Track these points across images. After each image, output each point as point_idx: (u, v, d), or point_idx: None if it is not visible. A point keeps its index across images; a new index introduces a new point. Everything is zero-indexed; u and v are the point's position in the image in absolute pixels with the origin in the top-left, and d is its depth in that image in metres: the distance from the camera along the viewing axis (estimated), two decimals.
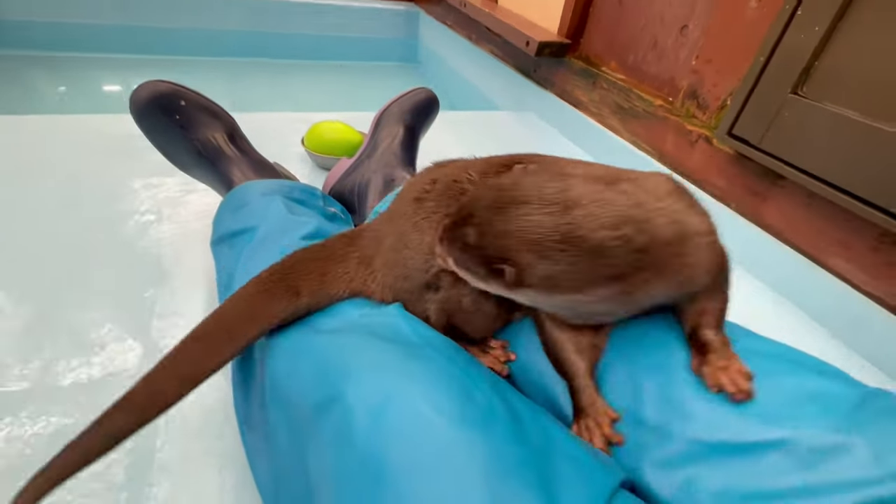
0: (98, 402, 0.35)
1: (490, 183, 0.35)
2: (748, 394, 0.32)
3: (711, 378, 0.34)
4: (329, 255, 0.48)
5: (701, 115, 0.94)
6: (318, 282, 0.45)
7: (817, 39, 0.68)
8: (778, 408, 0.32)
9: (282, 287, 0.44)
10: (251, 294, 0.44)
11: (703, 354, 0.36)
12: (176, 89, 0.64)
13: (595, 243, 0.30)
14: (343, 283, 0.46)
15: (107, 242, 0.73)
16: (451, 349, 0.40)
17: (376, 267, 0.46)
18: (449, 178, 0.45)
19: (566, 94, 1.32)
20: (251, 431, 0.44)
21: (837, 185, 0.68)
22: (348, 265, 0.47)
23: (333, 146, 0.96)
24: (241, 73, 1.90)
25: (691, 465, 0.33)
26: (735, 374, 0.33)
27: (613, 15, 1.16)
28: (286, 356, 0.41)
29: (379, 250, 0.46)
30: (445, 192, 0.44)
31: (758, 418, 0.32)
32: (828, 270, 0.76)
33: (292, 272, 0.46)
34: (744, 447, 0.31)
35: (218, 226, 0.63)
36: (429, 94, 0.86)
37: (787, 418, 0.31)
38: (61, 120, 1.02)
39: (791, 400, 0.32)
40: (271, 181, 0.66)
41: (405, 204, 0.47)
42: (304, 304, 0.44)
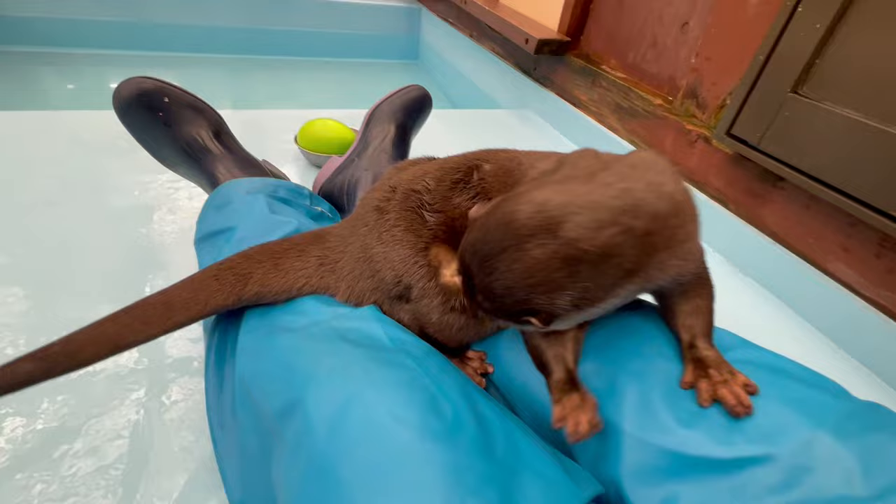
0: (91, 395, 0.34)
1: (465, 242, 0.33)
2: (748, 408, 0.31)
3: (707, 392, 0.32)
4: (288, 247, 0.48)
5: (700, 115, 0.92)
6: (271, 270, 0.45)
7: (818, 37, 0.66)
8: (763, 421, 0.31)
9: (230, 274, 0.44)
10: (199, 278, 0.45)
11: (700, 369, 0.34)
12: (160, 86, 0.63)
13: (600, 250, 0.28)
14: (301, 279, 0.46)
15: (99, 239, 0.72)
16: (426, 354, 0.39)
17: (341, 272, 0.46)
18: (407, 188, 0.45)
19: (566, 93, 1.30)
20: (223, 435, 0.43)
21: (838, 187, 0.66)
22: (307, 262, 0.47)
23: (326, 144, 0.95)
24: (243, 70, 1.90)
25: (671, 481, 0.31)
26: (737, 388, 0.32)
27: (613, 13, 1.13)
28: (252, 356, 0.40)
29: (343, 256, 0.46)
30: (405, 203, 0.44)
31: (741, 433, 0.30)
32: (828, 275, 0.74)
33: (246, 260, 0.46)
34: (726, 463, 0.30)
35: (201, 224, 0.62)
36: (421, 91, 0.85)
37: (772, 432, 0.30)
38: (53, 116, 1.02)
39: (776, 412, 0.31)
40: (256, 179, 0.65)
41: (367, 212, 0.46)
42: (251, 291, 0.44)
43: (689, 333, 0.36)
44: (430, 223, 0.43)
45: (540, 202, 0.29)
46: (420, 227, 0.43)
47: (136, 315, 0.41)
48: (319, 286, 0.46)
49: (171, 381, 0.55)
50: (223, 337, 0.48)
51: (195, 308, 0.43)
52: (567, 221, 0.28)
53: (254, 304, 0.46)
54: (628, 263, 0.29)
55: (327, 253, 0.47)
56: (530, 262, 0.28)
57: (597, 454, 0.35)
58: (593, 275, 0.29)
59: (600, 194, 0.29)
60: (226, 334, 0.48)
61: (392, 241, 0.43)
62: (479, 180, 0.44)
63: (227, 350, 0.47)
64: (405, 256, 0.42)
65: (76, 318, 0.39)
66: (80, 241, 0.71)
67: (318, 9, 1.99)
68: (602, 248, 0.28)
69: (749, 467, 0.29)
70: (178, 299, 0.43)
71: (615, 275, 0.29)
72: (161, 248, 0.73)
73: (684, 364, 0.35)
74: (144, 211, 0.79)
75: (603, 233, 0.28)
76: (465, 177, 0.44)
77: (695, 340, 0.35)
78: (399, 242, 0.42)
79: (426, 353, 0.39)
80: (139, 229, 0.75)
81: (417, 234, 0.43)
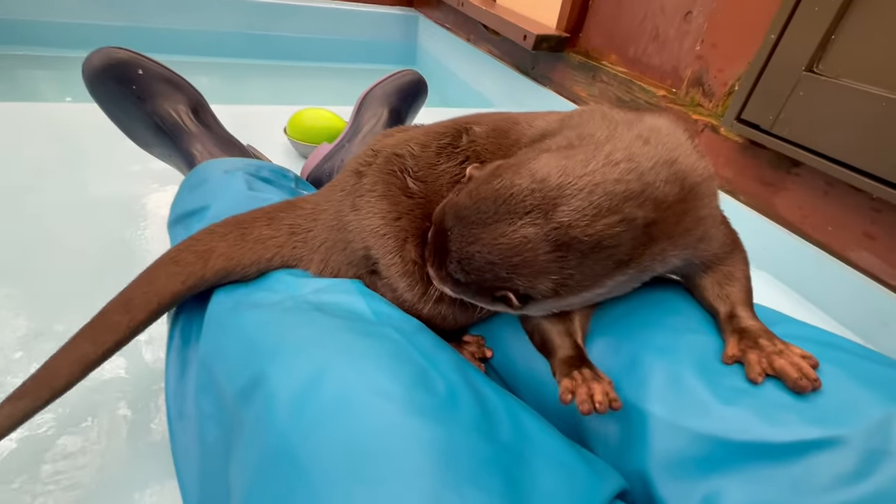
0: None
1: (450, 202, 0.30)
2: (815, 381, 0.26)
3: (760, 364, 0.27)
4: (258, 216, 0.43)
5: (707, 104, 0.88)
6: (237, 242, 0.40)
7: (834, 10, 0.62)
8: (825, 399, 0.25)
9: (189, 254, 0.39)
10: (156, 266, 0.40)
11: (748, 339, 0.29)
12: (134, 57, 0.58)
13: (594, 241, 0.26)
14: (271, 249, 0.41)
15: (75, 231, 0.67)
16: (416, 330, 0.34)
17: (313, 242, 0.41)
18: (390, 152, 0.40)
19: (565, 90, 1.27)
20: (182, 427, 0.37)
21: (861, 168, 0.62)
22: (278, 231, 0.42)
23: (317, 133, 0.90)
24: (239, 74, 1.88)
25: (713, 473, 0.26)
26: (798, 360, 0.27)
27: (613, 8, 1.11)
28: (216, 334, 0.35)
29: (316, 224, 0.41)
30: (385, 166, 0.40)
31: (797, 412, 0.25)
32: (850, 265, 0.69)
33: (209, 235, 0.41)
34: (782, 448, 0.24)
35: (176, 205, 0.57)
36: (415, 75, 0.81)
37: (838, 411, 0.24)
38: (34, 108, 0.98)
39: (841, 389, 0.25)
40: (236, 159, 0.60)
41: (346, 176, 0.42)
42: (216, 267, 0.39)
43: (727, 303, 0.31)
44: (411, 190, 0.38)
45: (539, 178, 0.27)
46: (397, 194, 0.38)
47: (100, 325, 0.37)
48: (291, 257, 0.41)
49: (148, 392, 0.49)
50: (189, 319, 0.42)
51: (154, 300, 0.38)
52: (563, 204, 0.26)
53: (222, 282, 0.41)
54: (622, 255, 0.27)
55: (300, 221, 0.42)
56: (518, 240, 0.26)
57: (619, 443, 0.29)
58: (580, 263, 0.26)
59: (602, 175, 0.26)
60: (192, 316, 0.42)
61: (366, 206, 0.38)
62: (468, 143, 0.40)
63: (192, 333, 0.41)
64: (374, 227, 0.37)
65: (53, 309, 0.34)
66: (55, 232, 0.66)
67: (317, 15, 1.98)
68: (596, 239, 0.26)
69: (812, 453, 0.23)
70: (138, 294, 0.39)
71: (605, 266, 0.27)
72: (143, 241, 0.67)
73: (724, 337, 0.30)
74: (124, 202, 0.74)
75: (599, 222, 0.26)
76: (453, 141, 0.40)
77: (735, 310, 0.31)
78: (372, 209, 0.38)
79: (416, 328, 0.34)
80: (117, 221, 0.70)
81: (394, 201, 0.38)
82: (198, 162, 0.60)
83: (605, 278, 0.27)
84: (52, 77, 1.62)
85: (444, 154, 0.40)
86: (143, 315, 0.37)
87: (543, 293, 0.27)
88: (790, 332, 0.30)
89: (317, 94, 1.88)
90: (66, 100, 1.41)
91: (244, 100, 1.73)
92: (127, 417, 0.45)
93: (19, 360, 0.49)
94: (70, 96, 1.41)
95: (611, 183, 0.26)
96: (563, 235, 0.26)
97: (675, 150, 0.28)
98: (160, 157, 0.65)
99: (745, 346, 0.28)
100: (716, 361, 0.29)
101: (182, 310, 0.43)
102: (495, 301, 0.29)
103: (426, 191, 0.39)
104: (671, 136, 0.29)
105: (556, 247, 0.26)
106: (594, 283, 0.28)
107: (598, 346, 0.33)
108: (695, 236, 0.29)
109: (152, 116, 0.59)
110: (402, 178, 0.39)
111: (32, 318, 0.54)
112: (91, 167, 0.81)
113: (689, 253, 0.29)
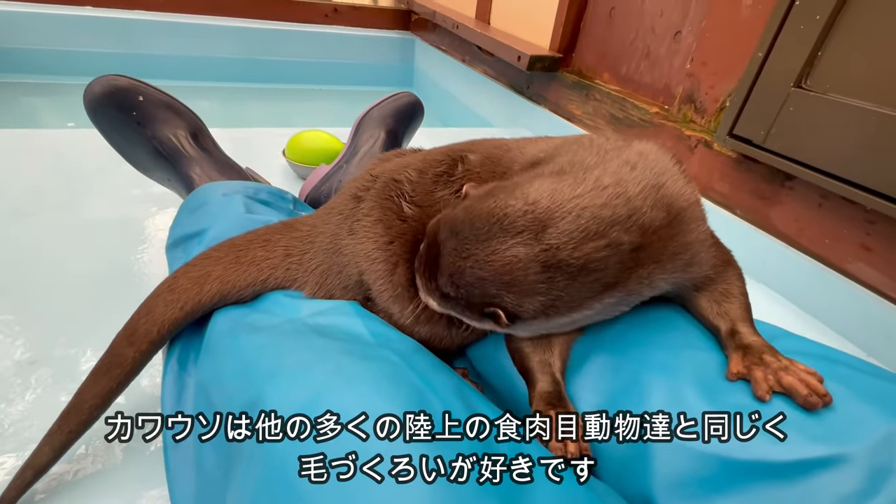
0: None
1: (446, 216, 0.31)
2: (825, 396, 0.26)
3: (766, 381, 0.27)
4: (252, 238, 0.43)
5: (699, 120, 0.89)
6: (232, 265, 0.41)
7: (819, 28, 0.64)
8: (828, 415, 0.25)
9: (185, 280, 0.40)
10: (154, 294, 0.41)
11: (752, 356, 0.29)
12: (135, 84, 0.59)
13: (581, 263, 0.26)
14: (266, 270, 0.41)
15: (73, 254, 0.67)
16: (414, 351, 0.34)
17: (309, 265, 0.42)
18: (388, 177, 0.41)
19: (560, 109, 1.29)
20: (177, 454, 0.37)
21: (854, 181, 0.62)
22: (273, 252, 0.42)
23: (315, 155, 0.91)
24: (237, 98, 1.91)
25: (718, 493, 0.25)
26: (806, 376, 0.27)
27: (604, 28, 1.14)
28: (213, 358, 0.35)
29: (312, 247, 0.42)
30: (383, 191, 0.40)
31: (800, 430, 0.24)
32: (849, 277, 0.69)
33: (204, 260, 0.42)
34: (787, 468, 0.24)
35: (174, 229, 0.57)
36: (412, 97, 0.82)
37: (842, 428, 0.24)
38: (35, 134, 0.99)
39: (844, 405, 0.25)
40: (235, 182, 0.61)
41: (344, 200, 0.43)
42: (211, 292, 0.40)
43: (727, 319, 0.31)
44: (406, 215, 0.39)
45: (531, 201, 0.28)
46: (392, 219, 0.39)
47: (109, 358, 0.39)
48: (286, 279, 0.41)
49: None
50: (186, 344, 0.42)
51: (154, 329, 0.39)
52: (552, 227, 0.27)
53: (219, 306, 0.41)
54: (609, 278, 0.27)
55: (295, 243, 0.42)
56: (510, 258, 0.27)
57: (621, 466, 0.29)
58: (568, 285, 0.27)
59: (590, 199, 0.27)
60: (189, 341, 0.42)
61: (361, 231, 0.39)
62: (464, 172, 0.41)
63: (189, 357, 0.41)
64: (368, 252, 0.38)
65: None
66: (55, 255, 0.66)
67: (316, 39, 2.03)
68: (583, 261, 0.26)
69: (817, 472, 0.23)
70: (139, 325, 0.39)
71: (592, 288, 0.27)
72: (143, 266, 0.67)
73: (727, 353, 0.30)
74: (123, 225, 0.74)
75: (587, 245, 0.26)
76: (449, 169, 0.41)
77: (736, 326, 0.30)
78: (367, 234, 0.39)
79: (413, 349, 0.34)
80: (117, 245, 0.70)
81: (388, 225, 0.38)
82: (196, 185, 0.61)
83: (592, 301, 0.28)
84: (55, 103, 1.65)
85: (441, 182, 0.41)
86: (146, 345, 0.38)
87: (532, 313, 0.28)
88: (790, 347, 0.30)
89: (315, 116, 1.90)
90: (68, 125, 1.43)
91: (244, 122, 1.76)
92: (121, 445, 0.44)
93: (17, 387, 0.48)
94: (72, 121, 1.43)
95: (598, 207, 0.27)
96: (551, 257, 0.26)
97: (662, 175, 0.29)
98: (159, 181, 0.66)
99: (750, 363, 0.28)
100: (717, 378, 0.29)
101: (179, 335, 0.43)
102: (484, 318, 0.29)
103: (420, 215, 0.39)
104: (658, 161, 0.30)
105: (545, 268, 0.27)
106: (581, 305, 0.28)
107: (597, 365, 0.33)
108: (682, 260, 0.29)
109: (152, 141, 0.60)
110: (398, 203, 0.39)
111: (29, 343, 0.53)
112: (91, 191, 0.81)
113: (678, 276, 0.30)
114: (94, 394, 0.37)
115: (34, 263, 0.65)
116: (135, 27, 1.77)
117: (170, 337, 0.40)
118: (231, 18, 1.90)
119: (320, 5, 2.04)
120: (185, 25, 1.83)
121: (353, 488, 0.21)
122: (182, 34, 1.84)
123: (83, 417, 0.37)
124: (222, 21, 1.88)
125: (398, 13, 2.17)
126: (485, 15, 1.61)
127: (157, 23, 1.79)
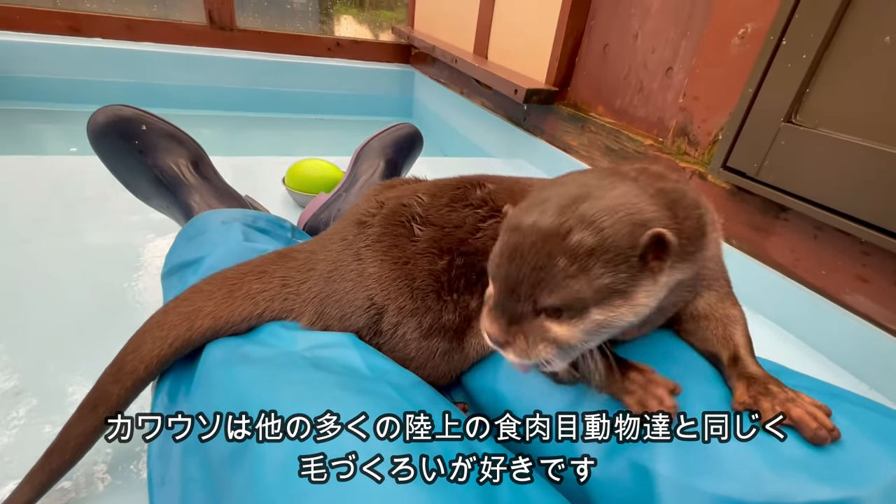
0: None
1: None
2: (833, 431, 0.25)
3: (772, 411, 0.26)
4: (247, 271, 0.42)
5: (693, 152, 0.91)
6: (225, 299, 0.40)
7: (806, 67, 0.66)
8: (834, 454, 0.24)
9: (175, 315, 0.39)
10: (142, 330, 0.40)
11: (757, 386, 0.28)
12: (138, 114, 0.61)
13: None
14: (262, 303, 0.40)
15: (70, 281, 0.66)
16: (412, 385, 0.33)
17: (307, 294, 0.41)
18: (397, 202, 0.41)
19: (556, 140, 1.32)
20: (163, 493, 0.35)
21: (847, 213, 0.63)
22: (269, 284, 0.41)
23: (314, 183, 0.92)
24: (240, 127, 1.94)
25: None
26: (813, 409, 0.26)
27: (598, 63, 1.18)
28: (205, 392, 0.34)
29: (311, 276, 0.41)
30: (392, 217, 0.40)
31: (807, 469, 0.24)
32: (847, 309, 0.69)
33: (195, 294, 0.41)
34: None
35: (171, 256, 0.57)
36: (411, 128, 0.84)
37: (852, 469, 0.23)
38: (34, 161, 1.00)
39: (850, 444, 0.24)
40: (234, 210, 0.61)
41: (347, 227, 0.43)
42: (202, 328, 0.39)
43: (729, 345, 0.30)
44: (418, 237, 0.39)
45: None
46: (405, 242, 0.39)
47: (95, 396, 0.38)
48: (282, 310, 0.40)
49: None
50: (176, 378, 0.41)
51: (140, 367, 0.38)
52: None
53: (210, 340, 0.40)
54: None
55: (293, 273, 0.42)
56: (623, 192, 0.27)
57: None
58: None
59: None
60: (179, 375, 0.41)
61: (371, 256, 0.38)
62: (485, 194, 0.41)
63: (179, 392, 0.40)
64: (382, 274, 0.37)
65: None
66: (51, 281, 0.66)
67: (318, 71, 2.08)
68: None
69: None
70: (126, 362, 0.39)
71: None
72: (134, 292, 0.67)
73: (730, 383, 0.29)
74: (121, 252, 0.74)
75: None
76: (466, 193, 0.42)
77: (738, 353, 0.30)
78: (378, 259, 0.38)
79: (412, 384, 0.33)
80: (114, 271, 0.69)
81: (402, 248, 0.38)
82: (195, 213, 0.61)
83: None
84: (59, 129, 1.67)
85: (459, 204, 0.41)
86: (131, 383, 0.38)
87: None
88: (792, 384, 0.30)
89: (315, 145, 1.93)
90: (70, 150, 1.44)
91: (246, 151, 1.78)
92: (106, 481, 0.43)
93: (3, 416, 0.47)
94: (75, 147, 1.45)
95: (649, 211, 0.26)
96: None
97: (690, 190, 0.29)
98: (158, 208, 0.66)
99: (756, 393, 0.28)
100: (720, 410, 0.28)
101: (169, 368, 0.42)
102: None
103: (434, 233, 0.39)
104: (681, 180, 0.30)
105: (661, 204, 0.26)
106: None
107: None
108: (707, 268, 0.29)
109: (153, 170, 0.61)
110: (408, 226, 0.39)
111: (17, 371, 0.52)
112: (90, 217, 0.81)
113: (695, 287, 0.30)
114: (79, 432, 0.36)
115: (28, 290, 0.64)
116: (143, 58, 1.82)
117: (158, 373, 0.40)
118: (238, 51, 1.95)
119: (324, 39, 2.10)
120: (193, 57, 1.88)
121: (353, 488, 0.21)
122: (189, 66, 1.89)
123: (66, 457, 0.36)
124: (229, 53, 1.93)
125: (399, 47, 2.24)
126: (482, 50, 1.66)
127: (166, 55, 1.84)
